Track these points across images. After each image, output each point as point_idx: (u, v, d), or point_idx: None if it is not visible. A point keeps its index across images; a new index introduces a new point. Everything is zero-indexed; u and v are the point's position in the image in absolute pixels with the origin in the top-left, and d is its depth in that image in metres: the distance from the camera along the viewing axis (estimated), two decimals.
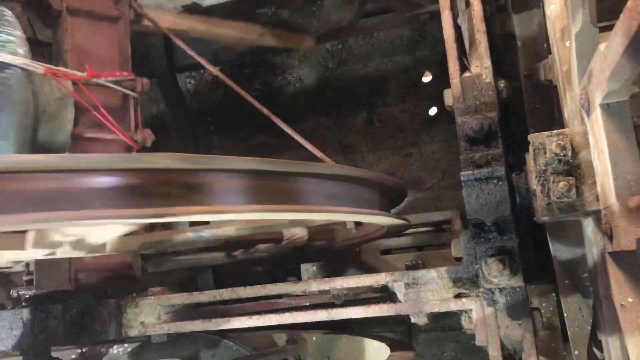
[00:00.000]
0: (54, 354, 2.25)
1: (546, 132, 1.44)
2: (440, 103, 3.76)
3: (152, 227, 2.43)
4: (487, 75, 1.92)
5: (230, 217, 1.23)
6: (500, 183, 1.69)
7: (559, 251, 2.31)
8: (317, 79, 3.96)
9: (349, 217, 1.57)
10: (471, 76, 1.94)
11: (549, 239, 2.28)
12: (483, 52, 1.94)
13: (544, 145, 1.41)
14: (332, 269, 3.11)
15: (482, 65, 1.94)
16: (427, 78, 3.75)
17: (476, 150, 1.79)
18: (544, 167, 1.41)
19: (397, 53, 3.80)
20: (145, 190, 1.15)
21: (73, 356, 3.15)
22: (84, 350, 3.16)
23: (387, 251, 3.17)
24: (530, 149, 1.45)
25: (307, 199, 1.32)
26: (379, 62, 3.84)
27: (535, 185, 1.46)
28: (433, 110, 3.71)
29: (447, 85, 2.74)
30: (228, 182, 1.19)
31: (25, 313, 2.03)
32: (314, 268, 3.13)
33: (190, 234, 2.26)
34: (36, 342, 2.03)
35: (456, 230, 2.94)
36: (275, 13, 3.17)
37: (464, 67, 2.00)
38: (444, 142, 3.71)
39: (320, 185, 1.37)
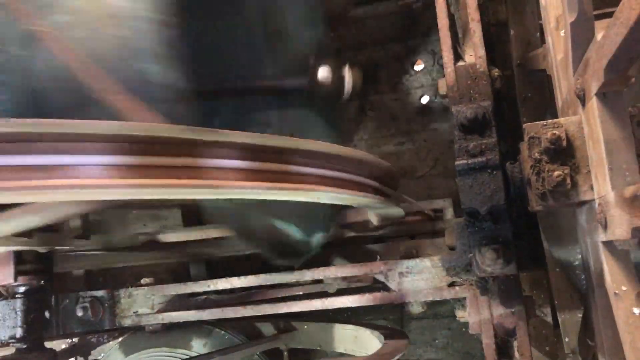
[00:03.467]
0: (47, 345, 2.24)
1: (541, 122, 1.44)
2: (432, 91, 3.78)
3: None
4: (482, 65, 1.92)
5: (226, 193, 1.22)
6: (494, 172, 1.70)
7: (551, 240, 2.33)
8: None
9: (352, 200, 1.57)
10: (465, 65, 1.94)
11: (540, 227, 2.29)
12: (477, 41, 1.93)
13: (539, 134, 1.42)
14: (325, 257, 3.11)
15: (476, 54, 1.94)
16: (419, 66, 3.74)
17: (470, 139, 1.79)
18: (538, 157, 1.42)
19: (389, 41, 3.78)
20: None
21: (64, 346, 3.14)
22: (74, 340, 3.15)
23: (379, 239, 3.18)
24: (525, 138, 1.45)
25: (303, 178, 1.32)
26: (371, 50, 3.82)
27: (529, 174, 1.47)
28: (425, 99, 3.71)
29: (439, 73, 2.70)
30: (225, 156, 1.19)
31: (18, 304, 2.02)
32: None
33: None
34: (29, 332, 2.02)
35: (448, 219, 2.95)
36: None
37: (457, 56, 2.00)
38: (436, 131, 3.71)
39: (317, 165, 1.38)
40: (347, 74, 2.54)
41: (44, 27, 1.56)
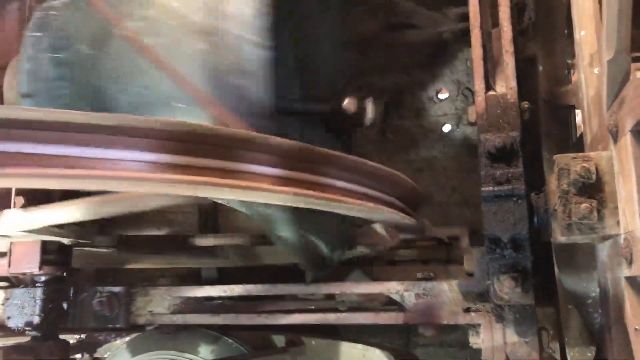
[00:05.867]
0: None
1: (571, 154, 1.47)
2: (454, 121, 3.81)
3: None
4: (512, 96, 1.95)
5: (261, 197, 1.25)
6: (519, 201, 1.72)
7: (565, 275, 2.34)
8: None
9: (376, 215, 1.60)
10: (496, 95, 1.97)
11: (555, 262, 2.31)
12: (510, 73, 1.97)
13: (569, 166, 1.44)
14: (337, 275, 3.12)
15: (507, 85, 1.97)
16: (443, 95, 3.78)
17: (497, 167, 1.81)
18: (567, 188, 1.44)
19: (415, 68, 3.83)
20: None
21: (72, 342, 3.16)
22: (82, 337, 3.17)
23: (392, 261, 3.20)
24: (555, 169, 1.48)
25: (333, 190, 1.35)
26: (397, 75, 3.87)
27: (556, 205, 1.49)
28: (447, 127, 3.74)
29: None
30: (263, 161, 1.22)
31: (38, 292, 2.05)
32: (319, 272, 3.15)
33: None
34: (46, 322, 2.05)
35: (464, 247, 2.96)
36: None
37: (488, 86, 2.03)
38: (456, 160, 3.73)
39: (348, 178, 1.41)
40: (369, 106, 2.63)
41: (126, 30, 1.63)
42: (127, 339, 3.03)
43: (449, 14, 3.31)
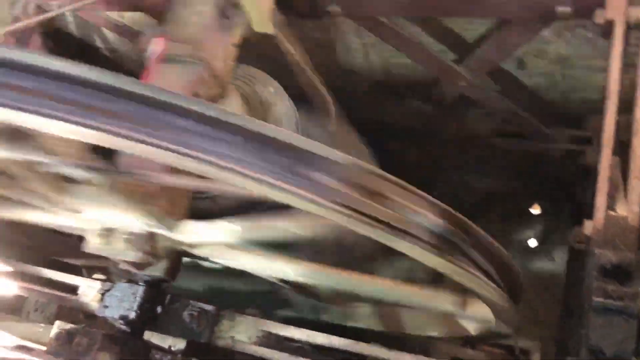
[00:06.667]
0: None
1: None
2: (541, 237, 3.82)
3: None
4: (633, 219, 1.99)
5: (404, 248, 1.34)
6: (630, 320, 1.73)
7: None
8: None
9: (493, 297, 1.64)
10: (616, 216, 2.02)
11: None
12: (635, 198, 2.02)
13: None
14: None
15: (630, 209, 2.02)
16: (535, 210, 3.82)
17: (609, 283, 1.84)
18: None
19: (513, 176, 3.90)
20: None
21: None
22: None
23: (454, 358, 3.15)
24: None
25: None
26: (493, 179, 3.95)
27: None
28: (533, 243, 3.76)
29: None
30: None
31: (139, 290, 2.15)
32: None
33: None
34: (139, 319, 2.13)
35: None
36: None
37: (609, 205, 2.08)
38: (534, 275, 3.73)
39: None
40: None
41: None
42: None
43: (563, 134, 3.40)
